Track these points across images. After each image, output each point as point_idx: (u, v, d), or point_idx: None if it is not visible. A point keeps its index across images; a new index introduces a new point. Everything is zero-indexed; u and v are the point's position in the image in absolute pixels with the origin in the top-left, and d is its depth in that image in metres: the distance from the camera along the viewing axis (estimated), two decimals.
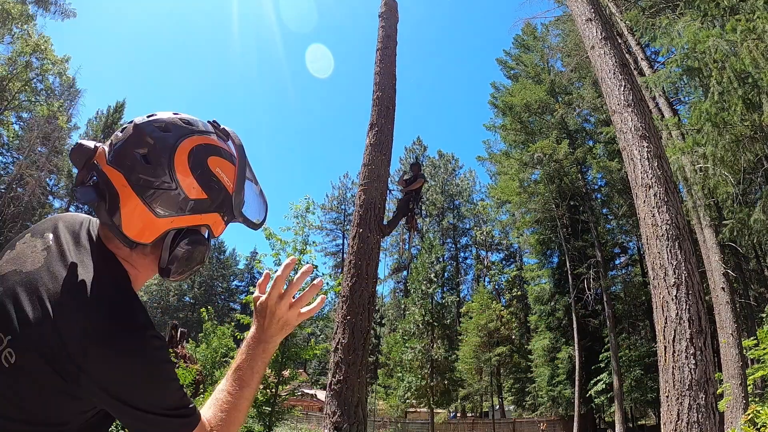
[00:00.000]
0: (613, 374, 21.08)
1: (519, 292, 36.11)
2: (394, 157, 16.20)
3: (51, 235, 0.81)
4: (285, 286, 0.90)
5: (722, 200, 11.19)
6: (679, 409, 3.83)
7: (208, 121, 0.83)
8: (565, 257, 25.35)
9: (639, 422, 26.50)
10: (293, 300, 0.91)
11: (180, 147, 0.74)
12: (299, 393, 18.20)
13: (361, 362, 5.05)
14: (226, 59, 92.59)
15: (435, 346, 24.75)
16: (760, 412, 5.18)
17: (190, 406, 0.76)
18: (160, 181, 0.73)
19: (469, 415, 34.85)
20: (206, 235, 0.82)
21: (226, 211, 0.81)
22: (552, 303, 27.12)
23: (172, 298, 49.67)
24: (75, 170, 0.80)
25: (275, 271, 0.89)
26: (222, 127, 0.84)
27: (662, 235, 4.47)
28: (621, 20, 14.40)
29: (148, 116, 0.78)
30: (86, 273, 0.74)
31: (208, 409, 0.84)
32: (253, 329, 0.91)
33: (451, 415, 34.90)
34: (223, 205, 0.80)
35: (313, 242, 10.88)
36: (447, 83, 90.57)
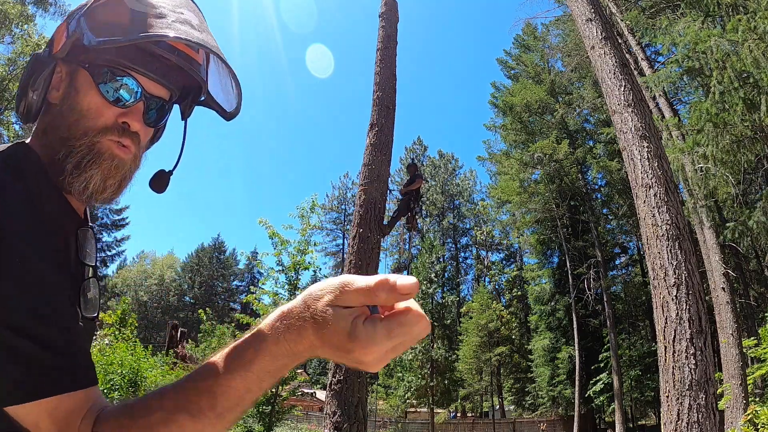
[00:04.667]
0: (613, 374, 21.08)
1: (519, 292, 36.12)
2: (395, 157, 16.22)
3: None
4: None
5: (723, 200, 11.20)
6: (679, 409, 3.83)
7: None
8: (565, 257, 25.36)
9: (639, 422, 26.49)
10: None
11: None
12: (299, 393, 18.20)
13: None
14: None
15: (435, 346, 24.76)
16: (760, 412, 5.18)
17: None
18: None
19: (469, 415, 34.85)
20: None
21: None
22: (552, 303, 27.15)
23: (172, 298, 49.62)
24: None
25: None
26: None
27: (662, 235, 4.48)
28: (621, 20, 14.40)
29: None
30: None
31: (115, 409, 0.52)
32: (290, 336, 0.45)
33: (451, 415, 34.88)
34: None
35: (314, 242, 10.83)
36: (447, 83, 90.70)
